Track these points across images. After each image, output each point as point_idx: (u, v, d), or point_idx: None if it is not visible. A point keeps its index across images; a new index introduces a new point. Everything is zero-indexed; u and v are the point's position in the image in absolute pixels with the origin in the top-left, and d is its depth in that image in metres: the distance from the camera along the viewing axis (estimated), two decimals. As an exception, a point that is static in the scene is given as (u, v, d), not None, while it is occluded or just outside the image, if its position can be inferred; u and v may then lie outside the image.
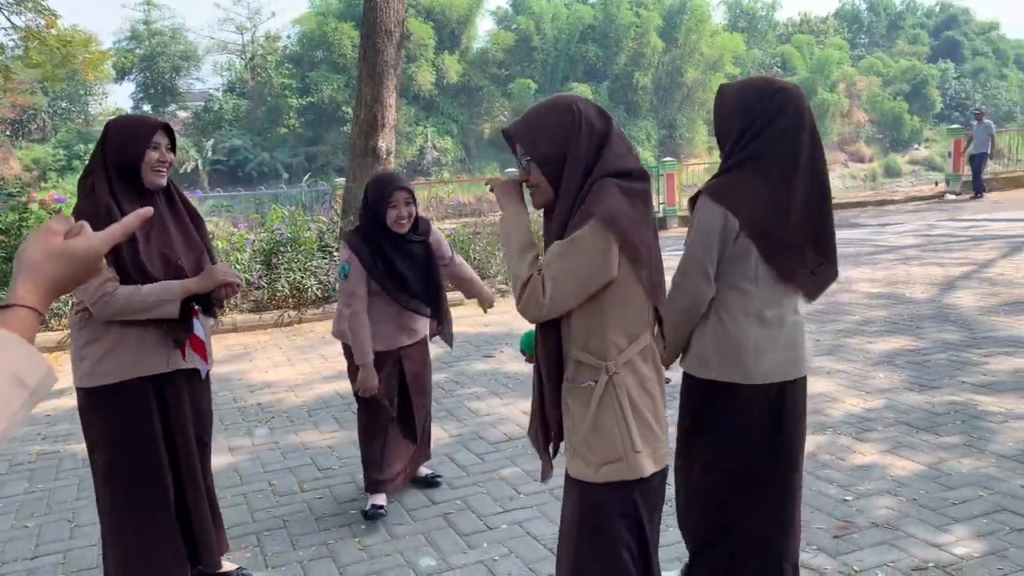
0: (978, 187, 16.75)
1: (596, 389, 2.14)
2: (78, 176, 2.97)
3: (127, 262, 2.77)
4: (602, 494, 2.17)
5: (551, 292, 2.07)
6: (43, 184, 33.10)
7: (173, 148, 2.94)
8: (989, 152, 16.55)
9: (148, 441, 2.89)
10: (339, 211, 9.19)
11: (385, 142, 8.76)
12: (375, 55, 8.64)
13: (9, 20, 16.79)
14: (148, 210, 1.24)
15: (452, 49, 39.72)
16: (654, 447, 2.19)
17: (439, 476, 4.24)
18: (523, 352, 2.54)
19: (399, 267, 3.75)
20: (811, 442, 4.43)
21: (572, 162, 2.10)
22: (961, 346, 6.08)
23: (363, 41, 8.80)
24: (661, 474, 2.24)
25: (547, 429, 2.31)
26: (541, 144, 2.14)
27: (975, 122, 16.81)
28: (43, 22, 16.71)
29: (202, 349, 3.00)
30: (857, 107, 45.33)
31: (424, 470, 4.24)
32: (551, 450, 2.35)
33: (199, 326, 3.00)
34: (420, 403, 4.09)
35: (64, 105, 39.00)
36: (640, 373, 2.19)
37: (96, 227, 1.15)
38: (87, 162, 2.88)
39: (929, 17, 56.33)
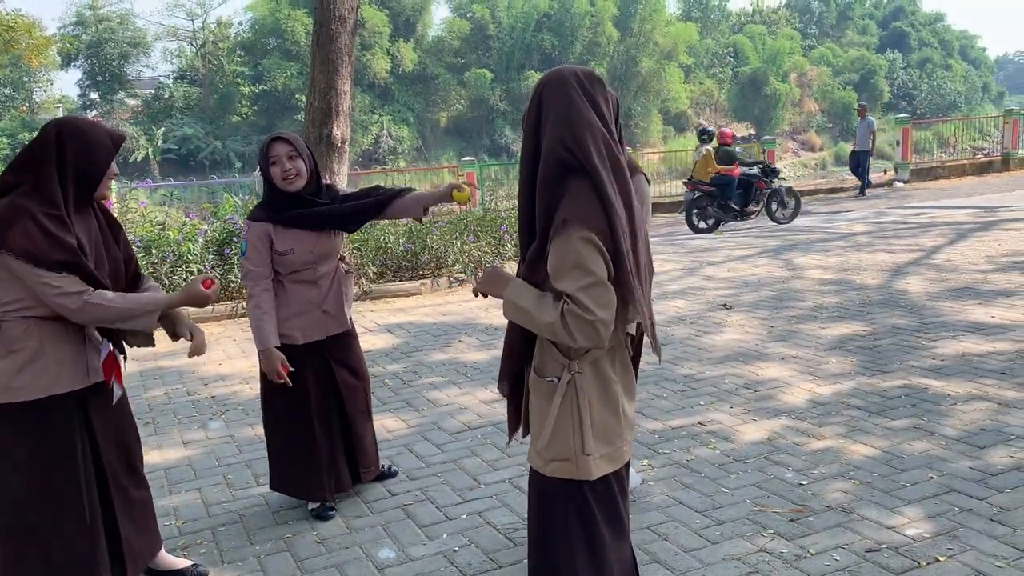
0: (863, 185, 16.60)
1: (558, 388, 2.17)
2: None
3: (85, 269, 2.66)
4: (552, 486, 2.23)
5: (593, 302, 2.01)
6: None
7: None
8: (871, 150, 16.38)
9: (72, 460, 2.72)
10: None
11: (340, 130, 8.64)
12: (329, 42, 8.50)
13: (-53, 4, 16.31)
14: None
15: (407, 37, 39.47)
16: (614, 447, 2.22)
17: (395, 467, 4.17)
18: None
19: (310, 220, 3.50)
20: (766, 427, 4.49)
21: (525, 136, 2.20)
22: (911, 331, 6.20)
23: (316, 28, 8.66)
24: (616, 474, 2.27)
25: (510, 396, 2.42)
26: (524, 119, 2.24)
27: (859, 118, 16.68)
28: (-17, 7, 16.24)
29: (118, 370, 2.89)
30: (808, 97, 46.04)
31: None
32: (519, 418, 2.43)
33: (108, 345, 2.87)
34: (355, 402, 3.82)
35: (7, 92, 37.92)
36: (604, 375, 2.20)
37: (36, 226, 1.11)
38: (23, 154, 2.69)
39: (877, 8, 57.36)
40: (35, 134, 2.74)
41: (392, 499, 3.91)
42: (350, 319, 3.85)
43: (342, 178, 8.78)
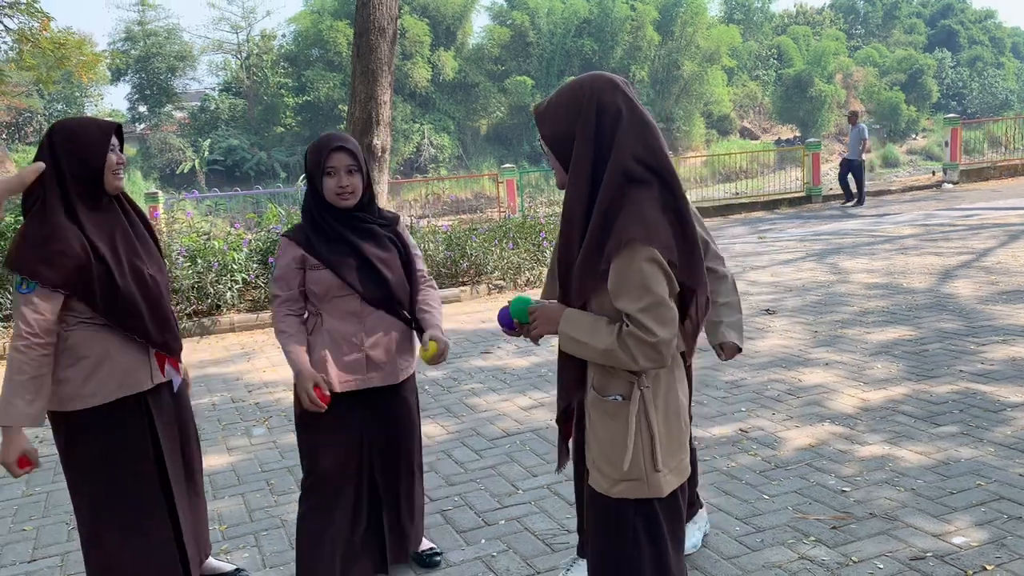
0: (848, 194, 15.91)
1: (630, 407, 2.03)
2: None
3: (99, 282, 2.64)
4: (620, 507, 2.08)
5: (655, 322, 1.92)
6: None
7: (122, 148, 2.83)
8: (860, 158, 15.71)
9: (146, 461, 2.78)
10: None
11: (380, 140, 8.74)
12: (369, 52, 8.62)
13: (1, 23, 16.75)
14: (40, 165, 1.31)
15: (447, 46, 39.68)
16: (679, 458, 2.11)
17: (438, 553, 3.39)
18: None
19: (359, 246, 2.95)
20: (809, 434, 4.43)
21: (580, 145, 1.99)
22: (959, 335, 6.07)
23: (357, 38, 8.78)
24: (682, 486, 2.15)
25: (568, 422, 2.31)
26: (549, 123, 2.06)
27: (849, 125, 15.94)
28: (36, 25, 16.68)
29: (175, 361, 2.95)
30: (854, 98, 45.32)
31: (425, 543, 3.39)
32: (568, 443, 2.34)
33: None
34: (398, 470, 3.13)
35: (60, 107, 38.90)
36: (669, 385, 2.09)
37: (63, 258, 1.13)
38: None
39: (925, 6, 56.32)
40: None
41: (431, 504, 3.92)
42: (407, 369, 3.11)
43: (382, 187, 8.87)
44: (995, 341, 5.83)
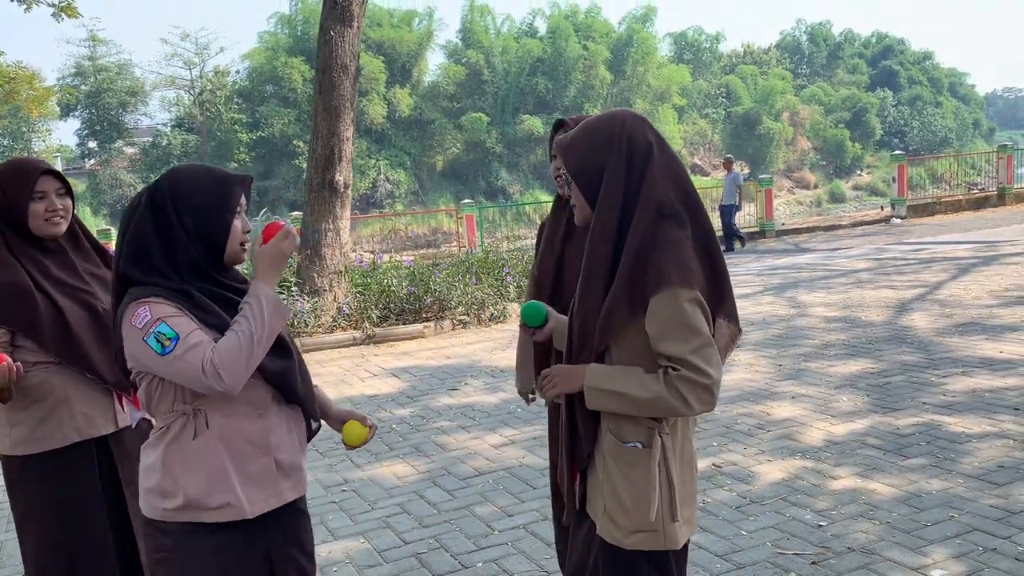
0: (730, 240, 15.49)
1: (652, 454, 1.94)
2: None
3: (45, 318, 2.55)
4: (634, 559, 1.98)
5: (706, 363, 1.86)
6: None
7: (68, 192, 2.69)
8: (737, 203, 15.62)
9: (97, 505, 2.66)
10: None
11: (343, 176, 8.70)
12: (331, 89, 8.60)
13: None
14: None
15: (403, 83, 39.86)
16: (692, 511, 2.04)
17: None
18: (525, 324, 2.27)
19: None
20: (782, 468, 4.45)
21: (610, 181, 1.93)
22: (919, 368, 6.17)
23: (319, 75, 8.76)
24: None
25: (574, 469, 2.11)
26: (575, 157, 2.00)
27: (724, 172, 15.89)
28: (-15, 59, 16.42)
29: (135, 399, 2.73)
30: (801, 135, 46.49)
31: None
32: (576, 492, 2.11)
33: None
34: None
35: (6, 143, 38.13)
36: (686, 431, 2.03)
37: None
38: None
39: (867, 47, 58.20)
40: None
41: (405, 547, 3.84)
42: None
43: (344, 223, 8.81)
44: (955, 373, 5.95)
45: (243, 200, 2.10)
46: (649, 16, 44.00)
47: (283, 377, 2.10)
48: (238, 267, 2.18)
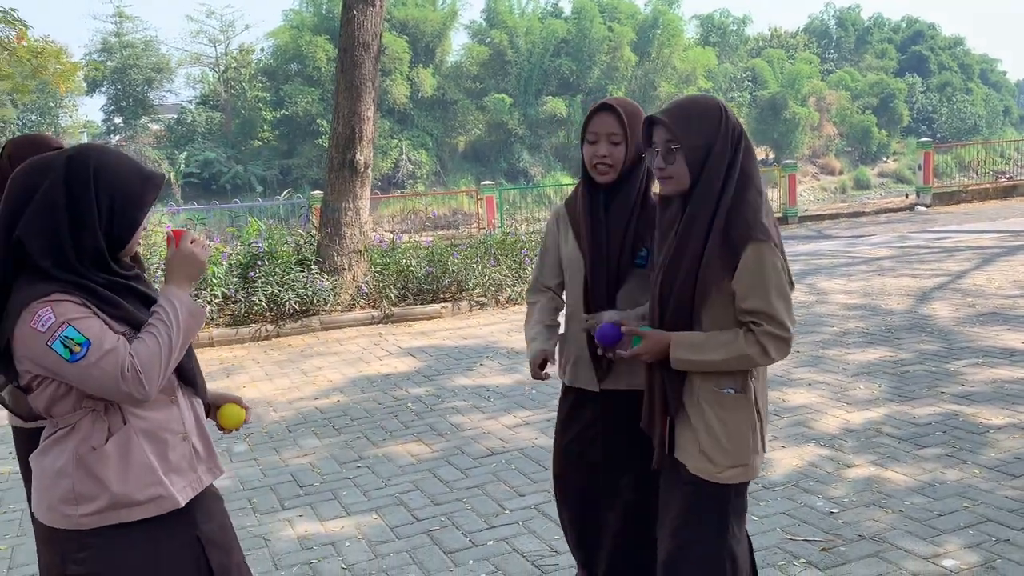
0: None
1: (745, 398, 2.22)
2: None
3: None
4: (724, 492, 2.24)
5: (790, 319, 2.15)
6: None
7: None
8: None
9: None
10: (316, 224, 9.11)
11: (363, 155, 8.71)
12: (353, 68, 8.60)
13: (-22, 31, 16.57)
14: None
15: (427, 63, 39.73)
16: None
17: None
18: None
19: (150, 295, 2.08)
20: (796, 454, 4.43)
21: (717, 156, 2.17)
22: (939, 357, 6.12)
23: (341, 54, 8.76)
24: None
25: (664, 418, 2.32)
26: (692, 133, 2.18)
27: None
28: (13, 33, 16.50)
29: None
30: (827, 120, 45.94)
31: None
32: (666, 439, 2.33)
33: None
34: None
35: (34, 118, 38.44)
36: (764, 374, 2.30)
37: None
38: None
39: (896, 32, 57.27)
40: None
41: (417, 524, 3.88)
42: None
43: (364, 202, 8.84)
44: (975, 363, 5.89)
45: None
46: (675, -3, 43.51)
47: (189, 371, 2.07)
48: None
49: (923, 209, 17.33)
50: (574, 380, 2.79)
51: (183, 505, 1.99)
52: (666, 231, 2.32)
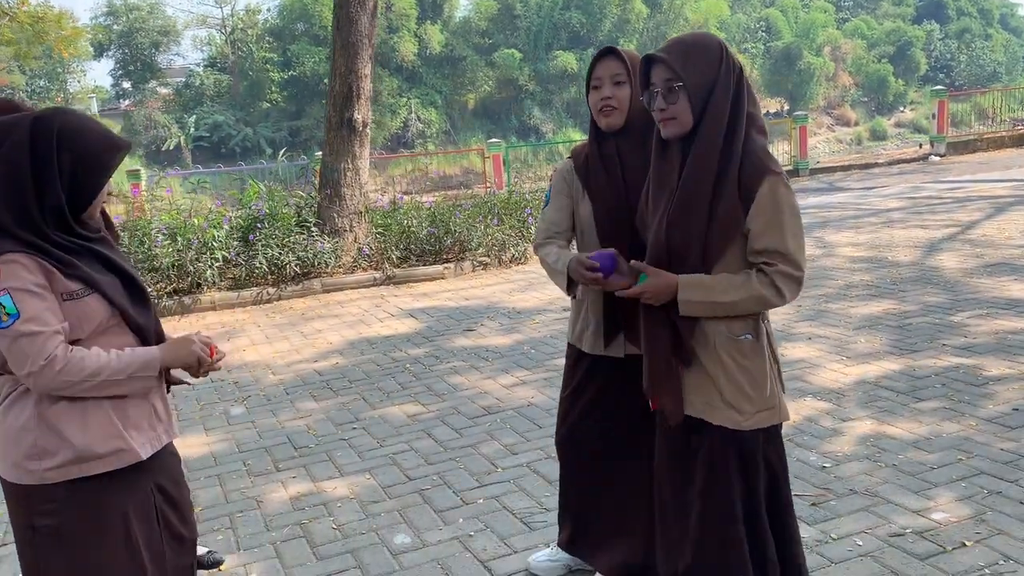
0: None
1: (759, 344, 2.17)
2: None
3: None
4: (754, 438, 2.19)
5: (803, 258, 2.10)
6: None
7: None
8: None
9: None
10: (317, 185, 9.06)
11: (361, 114, 8.62)
12: (349, 25, 8.47)
13: (-22, -3, 16.47)
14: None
15: (434, 19, 39.23)
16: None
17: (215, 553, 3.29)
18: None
19: (110, 256, 2.10)
20: (793, 408, 4.39)
21: (720, 94, 2.09)
22: (943, 309, 6.04)
23: (337, 11, 8.63)
24: None
25: (676, 370, 2.22)
26: (694, 70, 2.09)
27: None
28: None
29: None
30: (842, 71, 45.16)
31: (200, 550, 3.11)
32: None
33: None
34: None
35: (43, 83, 38.39)
36: (767, 316, 2.25)
37: None
38: None
39: (914, -23, 55.94)
40: None
41: (409, 483, 3.88)
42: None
43: (364, 162, 8.77)
44: (979, 314, 5.81)
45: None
46: (687, -54, 42.62)
47: (146, 330, 2.09)
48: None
49: (936, 159, 17.04)
50: (594, 347, 2.70)
51: (144, 459, 2.05)
52: (663, 178, 2.21)
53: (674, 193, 2.15)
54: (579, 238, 2.74)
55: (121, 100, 40.57)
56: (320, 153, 9.34)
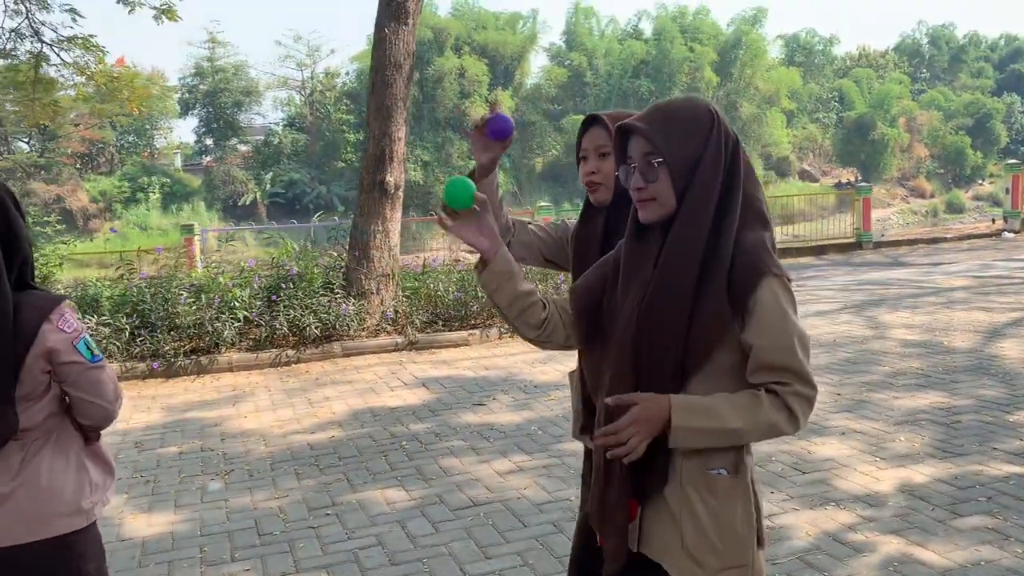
0: None
1: (738, 481, 1.75)
2: (141, 207, 2.59)
3: None
4: None
5: (811, 373, 1.72)
6: (109, 214, 34.08)
7: None
8: None
9: None
10: (346, 247, 8.89)
11: (393, 176, 8.46)
12: (384, 88, 8.38)
13: (59, 57, 17.14)
14: None
15: (505, 85, 39.85)
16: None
17: None
18: (445, 204, 1.86)
19: None
20: (810, 520, 3.90)
21: (707, 170, 1.74)
22: (999, 405, 5.44)
23: (372, 75, 8.55)
24: None
25: (633, 501, 1.81)
26: (678, 143, 1.74)
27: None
28: (92, 60, 17.07)
29: None
30: (918, 142, 44.06)
31: None
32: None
33: None
34: None
35: (131, 139, 40.13)
36: (753, 451, 1.86)
37: None
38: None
39: (993, 50, 54.82)
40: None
41: (366, 586, 3.51)
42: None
43: (394, 224, 8.59)
44: (1039, 414, 5.20)
45: None
46: (759, 18, 42.51)
47: None
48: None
49: (1010, 235, 16.14)
50: (573, 431, 2.46)
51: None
52: (636, 267, 1.83)
53: (648, 284, 1.78)
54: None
55: (203, 156, 42.03)
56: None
